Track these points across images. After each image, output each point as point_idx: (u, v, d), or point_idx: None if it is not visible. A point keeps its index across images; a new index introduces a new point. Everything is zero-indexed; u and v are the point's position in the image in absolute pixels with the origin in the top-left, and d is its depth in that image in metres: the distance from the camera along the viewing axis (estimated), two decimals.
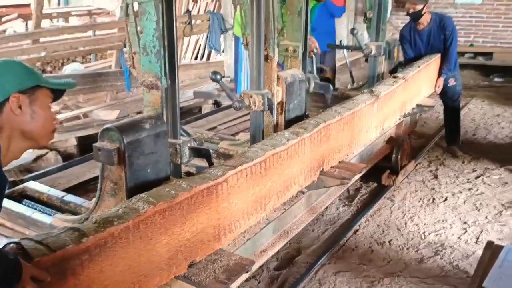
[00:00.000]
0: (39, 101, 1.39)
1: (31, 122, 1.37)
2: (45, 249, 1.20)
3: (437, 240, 3.27)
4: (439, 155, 4.74)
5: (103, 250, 1.31)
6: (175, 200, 1.55)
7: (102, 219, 1.36)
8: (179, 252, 1.60)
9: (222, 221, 1.82)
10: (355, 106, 2.96)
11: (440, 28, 4.31)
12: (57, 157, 3.86)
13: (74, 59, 6.13)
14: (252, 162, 2.00)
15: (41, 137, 1.42)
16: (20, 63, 1.43)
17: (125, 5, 1.86)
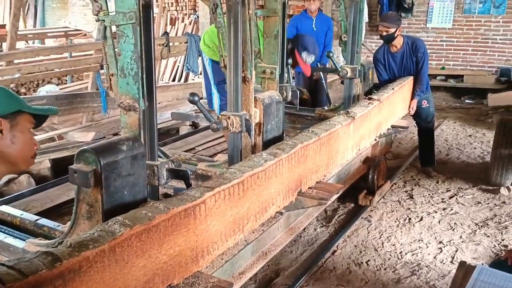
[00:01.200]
0: (20, 126, 1.39)
1: (11, 146, 1.37)
2: (17, 274, 1.17)
3: (413, 260, 3.30)
4: (414, 175, 4.82)
5: (78, 275, 1.28)
6: (152, 222, 1.53)
7: (76, 243, 1.33)
8: (156, 276, 1.57)
9: (200, 243, 1.80)
10: (332, 127, 3.00)
11: (412, 51, 4.45)
12: (30, 180, 3.77)
13: (50, 81, 6.07)
14: (230, 183, 2.00)
15: (20, 162, 1.42)
16: (3, 89, 1.43)
17: (103, 27, 1.87)
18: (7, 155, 1.37)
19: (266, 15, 2.95)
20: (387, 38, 4.34)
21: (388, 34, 4.30)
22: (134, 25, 1.81)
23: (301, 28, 5.34)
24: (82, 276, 1.29)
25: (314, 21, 5.40)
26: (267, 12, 2.93)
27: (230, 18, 2.45)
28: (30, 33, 8.49)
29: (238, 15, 2.43)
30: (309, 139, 2.72)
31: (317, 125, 3.05)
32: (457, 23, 8.52)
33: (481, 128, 6.58)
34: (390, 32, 4.28)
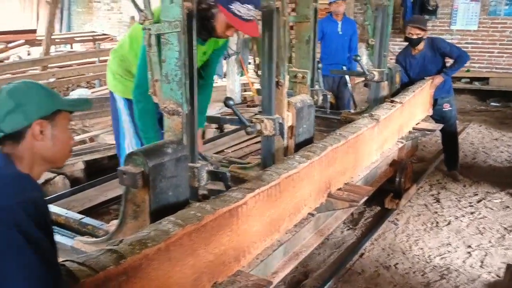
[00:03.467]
0: (59, 125, 1.40)
1: (52, 147, 1.38)
2: (88, 270, 1.25)
3: (442, 264, 3.31)
4: (440, 179, 4.81)
5: (138, 272, 1.35)
6: (201, 222, 1.60)
7: (136, 241, 1.41)
8: (203, 274, 1.64)
9: (242, 243, 1.87)
10: (358, 130, 3.06)
11: (433, 50, 4.46)
12: (65, 181, 3.89)
13: (79, 84, 6.23)
14: (268, 185, 2.06)
15: (60, 159, 1.44)
16: (42, 87, 1.42)
17: (148, 35, 1.94)
18: (49, 156, 1.38)
19: (297, 21, 3.01)
20: (417, 42, 4.36)
21: (419, 38, 4.32)
22: (179, 33, 1.89)
23: (326, 32, 5.39)
24: (142, 273, 1.36)
25: (340, 25, 5.44)
26: (299, 18, 3.00)
27: (265, 25, 2.51)
28: (59, 38, 8.71)
29: (273, 21, 2.49)
30: (338, 141, 2.78)
31: (343, 128, 3.11)
32: (482, 25, 8.45)
33: (507, 131, 6.52)
34: (420, 36, 4.31)
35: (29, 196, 1.19)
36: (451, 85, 4.73)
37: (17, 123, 1.32)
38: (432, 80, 4.49)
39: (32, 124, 1.33)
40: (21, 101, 1.33)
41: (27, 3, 12.01)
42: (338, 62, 5.30)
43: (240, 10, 2.16)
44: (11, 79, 4.97)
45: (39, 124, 1.34)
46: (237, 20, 2.17)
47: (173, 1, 1.86)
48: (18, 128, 1.33)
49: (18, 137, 1.33)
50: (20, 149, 1.34)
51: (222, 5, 2.17)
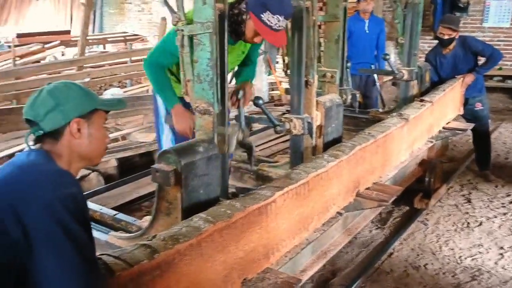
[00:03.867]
0: (96, 124, 1.46)
1: (89, 145, 1.43)
2: (123, 264, 1.30)
3: (473, 265, 3.26)
4: (471, 179, 4.73)
5: (171, 266, 1.40)
6: (231, 219, 1.64)
7: (169, 237, 1.46)
8: (234, 270, 1.68)
9: (271, 240, 1.90)
10: (387, 129, 3.04)
11: (465, 49, 4.38)
12: (99, 178, 4.01)
13: (111, 84, 6.38)
14: (297, 183, 2.09)
15: (96, 156, 1.49)
16: (80, 87, 1.48)
17: (180, 36, 1.99)
18: (85, 153, 1.44)
19: (327, 20, 3.02)
20: (448, 42, 4.30)
21: (450, 38, 4.26)
22: (211, 34, 1.93)
23: (354, 30, 5.35)
24: (174, 268, 1.41)
25: (367, 24, 5.40)
26: (328, 17, 3.00)
27: (295, 25, 2.53)
28: (92, 39, 8.93)
29: (303, 21, 2.51)
30: (367, 141, 2.78)
31: (372, 127, 3.10)
32: None
33: None
34: (452, 36, 4.24)
35: (69, 191, 1.24)
36: (483, 84, 4.63)
37: (56, 122, 1.38)
38: (463, 78, 4.41)
39: (70, 122, 1.39)
40: (60, 100, 1.39)
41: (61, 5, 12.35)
42: (366, 61, 5.25)
43: (270, 20, 2.20)
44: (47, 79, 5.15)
45: (76, 123, 1.40)
46: (266, 30, 2.22)
47: (206, 3, 1.91)
48: (57, 127, 1.39)
49: (57, 135, 1.40)
50: (59, 146, 1.40)
51: (253, 13, 2.22)
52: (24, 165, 1.32)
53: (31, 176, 1.27)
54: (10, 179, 1.27)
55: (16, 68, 5.50)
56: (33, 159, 1.34)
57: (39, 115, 1.39)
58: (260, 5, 2.19)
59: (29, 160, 1.34)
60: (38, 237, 1.16)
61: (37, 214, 1.17)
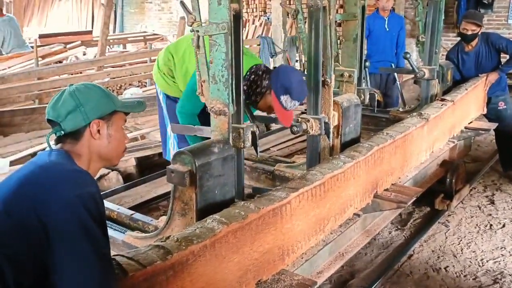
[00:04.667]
0: (115, 125, 1.50)
1: (108, 145, 1.47)
2: (137, 265, 1.31)
3: (496, 268, 3.18)
4: (495, 180, 4.62)
5: (185, 267, 1.41)
6: (246, 221, 1.64)
7: (183, 238, 1.46)
8: (248, 271, 1.68)
9: (286, 241, 1.89)
10: (406, 129, 2.99)
11: (489, 47, 4.27)
12: (118, 177, 4.05)
13: (131, 83, 6.45)
14: (313, 184, 2.07)
15: (115, 157, 1.53)
16: (101, 89, 1.52)
17: (196, 37, 1.99)
18: (104, 153, 1.47)
19: (345, 19, 2.99)
20: (472, 38, 4.20)
21: (474, 34, 4.16)
22: (226, 34, 1.92)
23: (373, 29, 5.29)
24: (189, 268, 1.42)
25: (387, 21, 5.32)
26: (346, 16, 2.97)
27: (312, 24, 2.51)
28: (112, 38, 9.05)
29: (319, 20, 2.48)
30: (385, 141, 2.74)
31: (391, 127, 3.05)
32: None
33: None
34: (475, 32, 4.15)
35: (88, 191, 1.27)
36: (507, 83, 4.52)
37: (77, 122, 1.42)
38: (487, 77, 4.30)
39: (90, 123, 1.43)
40: (81, 101, 1.43)
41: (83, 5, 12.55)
42: (386, 59, 5.19)
43: (287, 102, 2.41)
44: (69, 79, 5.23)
45: (96, 124, 1.44)
46: (281, 109, 2.42)
47: (221, 3, 1.90)
48: (77, 127, 1.43)
49: (77, 135, 1.44)
50: (79, 146, 1.44)
51: (275, 93, 2.40)
52: (45, 164, 1.35)
53: (52, 175, 1.30)
54: (32, 178, 1.30)
55: (38, 69, 5.61)
56: (53, 159, 1.37)
57: (60, 116, 1.43)
58: (284, 89, 2.36)
59: (50, 159, 1.37)
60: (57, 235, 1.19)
61: (57, 212, 1.20)
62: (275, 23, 7.47)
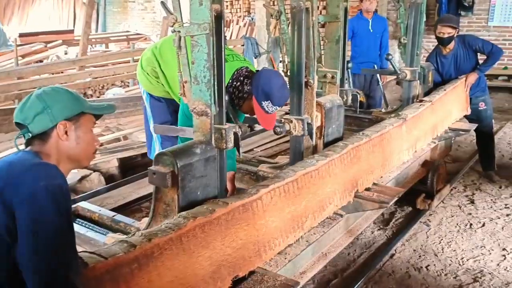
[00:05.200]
0: (83, 127, 1.51)
1: (76, 147, 1.49)
2: (98, 257, 1.32)
3: (475, 267, 3.23)
4: (475, 180, 4.69)
5: (151, 260, 1.42)
6: (213, 215, 1.66)
7: (147, 233, 1.49)
8: (222, 267, 1.68)
9: (261, 238, 1.90)
10: (383, 129, 3.03)
11: (466, 49, 4.34)
12: (100, 178, 4.01)
13: (114, 83, 6.39)
14: (284, 181, 2.11)
15: (84, 159, 1.54)
16: (68, 91, 1.53)
17: (177, 38, 1.98)
18: (73, 155, 1.49)
19: (328, 20, 3.00)
20: (448, 41, 4.26)
21: (450, 36, 4.22)
22: (207, 35, 1.92)
23: (357, 30, 5.33)
24: (155, 262, 1.43)
25: (371, 23, 5.38)
26: (329, 17, 2.99)
27: (294, 25, 2.52)
28: (94, 38, 8.95)
29: (302, 22, 2.49)
30: (360, 140, 2.78)
31: (369, 128, 3.11)
32: None
33: None
34: (451, 34, 4.21)
35: (54, 182, 1.28)
36: (486, 83, 4.59)
37: (44, 124, 1.44)
38: (466, 78, 4.37)
39: (57, 124, 1.45)
40: (48, 103, 1.45)
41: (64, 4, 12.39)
42: (370, 61, 5.24)
43: (269, 107, 2.42)
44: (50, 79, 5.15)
45: (63, 125, 1.46)
46: (262, 114, 2.43)
47: (202, 4, 1.89)
48: (45, 129, 1.44)
49: (45, 137, 1.45)
50: (47, 148, 1.45)
51: (256, 99, 2.41)
52: (13, 160, 1.38)
53: (19, 168, 1.32)
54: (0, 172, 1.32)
55: (18, 68, 5.51)
56: (21, 156, 1.41)
57: (28, 118, 1.44)
58: (264, 95, 2.38)
59: (18, 156, 1.41)
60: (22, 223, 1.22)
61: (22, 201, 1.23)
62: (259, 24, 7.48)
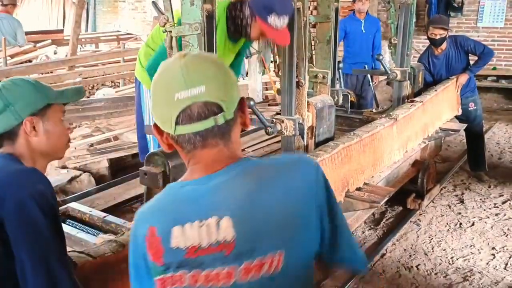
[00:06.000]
0: (51, 119, 1.40)
1: (47, 141, 1.39)
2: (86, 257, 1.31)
3: (465, 266, 3.26)
4: (465, 179, 4.74)
5: None
6: None
7: None
8: None
9: None
10: (374, 129, 3.05)
11: (457, 49, 4.37)
12: (90, 179, 3.98)
13: (104, 84, 6.35)
14: None
15: (58, 151, 1.46)
16: (29, 83, 1.40)
17: (169, 37, 1.98)
18: (46, 150, 1.40)
19: (319, 21, 3.01)
20: (441, 42, 4.30)
21: (442, 37, 4.26)
22: (199, 35, 1.91)
23: (350, 31, 5.35)
24: None
25: (363, 23, 5.40)
26: (320, 18, 2.99)
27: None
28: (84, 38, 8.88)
29: (294, 22, 2.49)
30: (351, 140, 2.80)
31: (360, 128, 3.12)
32: (509, 22, 8.24)
33: None
34: (443, 35, 4.24)
35: (37, 188, 1.25)
36: (475, 84, 4.63)
37: (8, 123, 1.34)
38: (457, 79, 4.40)
39: (23, 121, 1.35)
40: (9, 100, 1.34)
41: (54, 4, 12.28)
42: (362, 61, 5.26)
43: (276, 21, 2.27)
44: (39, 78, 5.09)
45: (30, 121, 1.35)
46: (272, 31, 2.30)
47: (193, 4, 1.89)
48: (10, 128, 1.35)
49: (12, 136, 1.36)
50: (17, 147, 1.37)
51: (260, 16, 2.28)
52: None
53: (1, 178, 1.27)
54: None
55: (7, 68, 5.46)
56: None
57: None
58: (265, 9, 2.25)
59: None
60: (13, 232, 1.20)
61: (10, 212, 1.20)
62: None
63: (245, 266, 0.97)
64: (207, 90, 0.97)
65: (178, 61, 0.99)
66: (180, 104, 0.97)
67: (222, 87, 0.99)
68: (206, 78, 0.98)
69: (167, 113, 0.99)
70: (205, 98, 0.97)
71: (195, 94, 0.96)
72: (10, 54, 6.01)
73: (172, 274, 0.97)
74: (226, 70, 1.03)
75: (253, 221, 0.98)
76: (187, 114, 0.98)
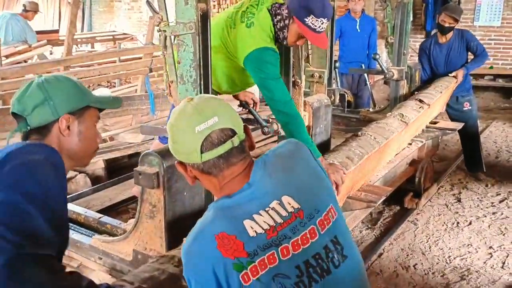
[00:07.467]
0: (87, 122, 1.37)
1: (78, 144, 1.35)
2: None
3: (462, 265, 3.25)
4: (462, 179, 4.73)
5: None
6: None
7: None
8: None
9: None
10: (390, 134, 2.99)
11: (461, 42, 4.36)
12: (86, 179, 3.96)
13: (99, 84, 6.32)
14: None
15: (85, 157, 1.41)
16: (73, 82, 1.39)
17: (163, 37, 1.96)
18: (74, 152, 1.35)
19: None
20: (448, 30, 4.27)
21: (450, 27, 4.24)
22: (193, 34, 1.90)
23: (345, 30, 5.34)
24: None
25: (358, 23, 5.39)
26: None
27: None
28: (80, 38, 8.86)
29: None
30: (372, 148, 2.71)
31: (371, 129, 3.01)
32: (506, 21, 8.25)
33: None
34: (452, 25, 4.22)
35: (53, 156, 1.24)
36: (471, 84, 4.62)
37: (44, 117, 1.31)
38: (456, 76, 4.38)
39: (59, 118, 1.31)
40: (50, 94, 1.31)
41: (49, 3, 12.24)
42: (357, 60, 5.26)
43: (314, 23, 2.21)
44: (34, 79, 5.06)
45: (66, 119, 1.32)
46: (311, 33, 2.24)
47: (188, 3, 1.87)
48: (45, 122, 1.31)
49: (44, 131, 1.32)
50: (46, 142, 1.31)
51: (298, 18, 2.22)
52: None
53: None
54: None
55: (2, 69, 5.43)
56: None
57: (26, 109, 1.30)
58: (304, 10, 2.19)
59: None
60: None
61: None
62: None
63: (319, 222, 1.19)
64: (220, 119, 1.16)
65: (188, 104, 1.19)
66: (201, 135, 1.15)
67: (230, 116, 1.19)
68: (216, 110, 1.18)
69: (191, 145, 1.16)
70: (220, 125, 1.16)
71: (211, 124, 1.15)
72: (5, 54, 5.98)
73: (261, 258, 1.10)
74: (227, 103, 1.24)
75: (301, 189, 1.21)
76: (209, 142, 1.16)
